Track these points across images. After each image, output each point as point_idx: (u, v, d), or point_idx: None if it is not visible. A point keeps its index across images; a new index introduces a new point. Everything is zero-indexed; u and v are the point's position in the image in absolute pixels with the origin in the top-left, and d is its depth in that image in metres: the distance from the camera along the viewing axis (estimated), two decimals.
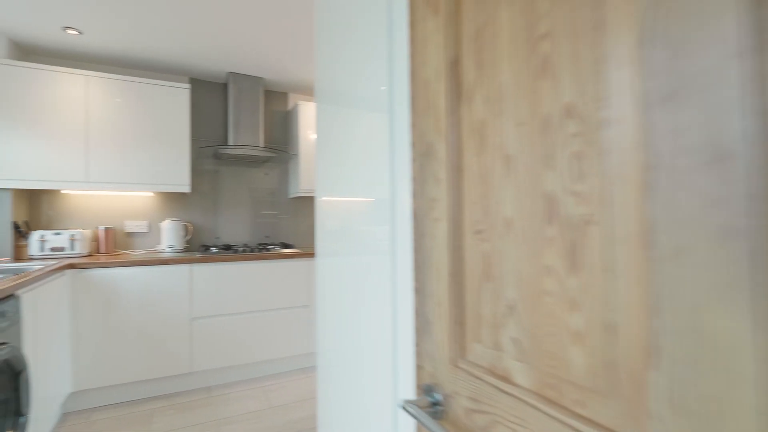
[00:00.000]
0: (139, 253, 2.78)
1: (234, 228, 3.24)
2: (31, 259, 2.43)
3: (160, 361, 2.44)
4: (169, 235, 2.83)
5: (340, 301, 1.17)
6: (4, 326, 1.43)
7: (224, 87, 3.21)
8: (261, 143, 3.06)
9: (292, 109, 3.31)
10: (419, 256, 0.65)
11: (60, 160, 2.45)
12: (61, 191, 2.72)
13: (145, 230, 2.94)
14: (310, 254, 2.87)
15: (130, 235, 2.91)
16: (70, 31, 2.30)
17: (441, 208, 0.59)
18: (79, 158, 2.49)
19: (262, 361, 2.76)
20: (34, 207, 2.67)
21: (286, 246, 3.09)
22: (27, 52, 2.61)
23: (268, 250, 2.89)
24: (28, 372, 1.56)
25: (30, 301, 1.72)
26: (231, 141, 2.95)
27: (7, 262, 2.21)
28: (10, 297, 1.53)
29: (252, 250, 2.82)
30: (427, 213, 0.62)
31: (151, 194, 2.97)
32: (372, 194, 0.96)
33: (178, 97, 2.76)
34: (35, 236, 2.44)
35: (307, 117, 3.17)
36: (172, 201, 3.04)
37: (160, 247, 2.90)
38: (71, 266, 2.24)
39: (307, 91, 3.44)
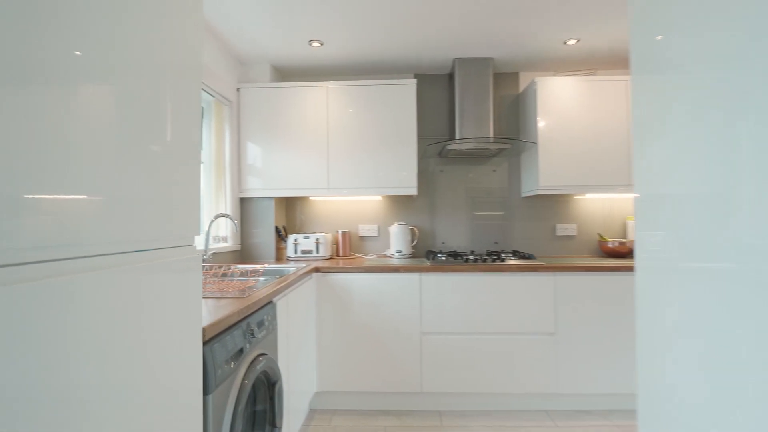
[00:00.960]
0: (371, 258, 2.76)
1: (457, 232, 2.92)
2: (288, 260, 2.68)
3: (391, 374, 2.30)
4: (396, 240, 2.72)
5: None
6: (261, 336, 1.41)
7: (449, 78, 2.93)
8: (490, 134, 2.62)
9: (527, 90, 2.75)
10: None
11: (307, 169, 2.62)
12: (310, 198, 2.96)
13: (375, 234, 2.93)
14: (559, 268, 2.25)
15: (362, 238, 2.95)
16: (314, 44, 2.40)
17: None
18: (322, 166, 2.62)
19: (497, 393, 2.31)
20: (290, 213, 2.98)
21: (521, 255, 2.56)
22: (284, 74, 2.93)
23: (501, 259, 2.42)
24: (282, 382, 1.54)
25: (283, 307, 1.74)
26: (458, 135, 2.63)
27: (271, 264, 2.46)
28: (268, 304, 1.54)
29: (483, 260, 2.41)
30: None
31: (380, 198, 2.94)
32: None
33: (405, 95, 2.60)
34: (290, 240, 2.68)
35: (548, 96, 2.55)
36: (399, 204, 2.94)
37: (389, 252, 2.82)
38: (316, 270, 2.32)
39: (544, 66, 2.82)
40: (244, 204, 2.69)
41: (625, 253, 2.63)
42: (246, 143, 2.63)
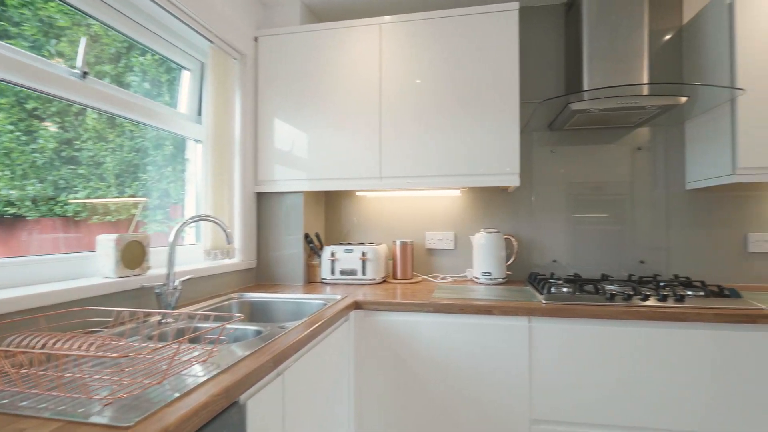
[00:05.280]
0: (443, 282, 1.84)
1: (575, 245, 1.89)
2: (322, 283, 1.86)
3: None
4: (484, 256, 1.77)
5: None
6: None
7: (566, 9, 1.92)
8: (644, 80, 1.57)
9: (706, 12, 1.65)
10: None
11: (351, 150, 1.77)
12: (357, 193, 2.11)
13: (450, 246, 2.00)
14: None
15: (431, 252, 2.03)
16: None
17: None
18: (371, 146, 1.75)
19: None
20: (331, 215, 2.16)
21: (695, 286, 1.47)
22: (320, 16, 2.12)
23: (677, 296, 1.35)
24: None
25: (270, 401, 0.89)
26: (587, 86, 1.61)
27: (291, 292, 1.64)
28: (224, 412, 0.70)
29: (644, 297, 1.36)
30: None
31: (458, 193, 2.00)
32: None
33: (500, 31, 1.65)
34: (325, 254, 1.85)
35: (757, 14, 1.45)
36: (486, 202, 1.98)
37: (471, 274, 1.88)
38: (356, 306, 1.45)
39: None
40: (261, 201, 1.91)
41: None
42: (265, 115, 1.85)
